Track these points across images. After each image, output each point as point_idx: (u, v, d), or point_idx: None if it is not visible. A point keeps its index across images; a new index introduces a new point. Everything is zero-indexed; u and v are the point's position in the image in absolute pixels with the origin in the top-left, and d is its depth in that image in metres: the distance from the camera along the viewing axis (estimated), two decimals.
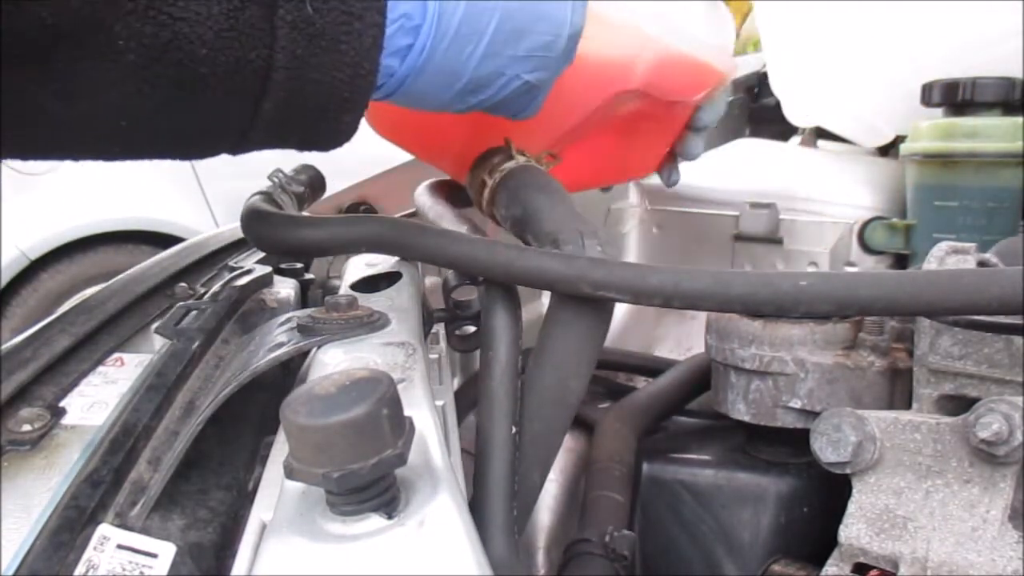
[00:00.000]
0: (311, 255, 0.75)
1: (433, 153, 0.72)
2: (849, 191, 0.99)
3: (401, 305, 0.51)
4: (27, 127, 0.38)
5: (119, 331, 0.54)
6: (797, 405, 0.62)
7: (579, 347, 0.48)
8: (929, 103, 0.90)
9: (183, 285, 0.63)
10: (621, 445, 0.70)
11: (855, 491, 0.52)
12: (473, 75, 0.46)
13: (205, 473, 0.45)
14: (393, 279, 0.57)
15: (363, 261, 0.63)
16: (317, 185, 0.82)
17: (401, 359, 0.43)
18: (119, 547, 0.37)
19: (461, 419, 0.63)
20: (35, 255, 2.84)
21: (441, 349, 0.59)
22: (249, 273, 0.63)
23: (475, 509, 0.41)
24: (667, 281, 0.45)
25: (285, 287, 0.63)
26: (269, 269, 0.65)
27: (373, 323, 0.47)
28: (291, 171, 0.78)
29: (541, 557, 0.77)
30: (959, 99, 0.87)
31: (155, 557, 0.37)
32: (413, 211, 0.72)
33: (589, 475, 0.68)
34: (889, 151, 1.12)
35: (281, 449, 0.40)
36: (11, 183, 2.79)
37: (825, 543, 0.53)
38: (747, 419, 0.65)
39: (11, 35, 0.33)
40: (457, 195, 0.69)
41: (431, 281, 0.76)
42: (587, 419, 0.79)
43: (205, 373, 0.51)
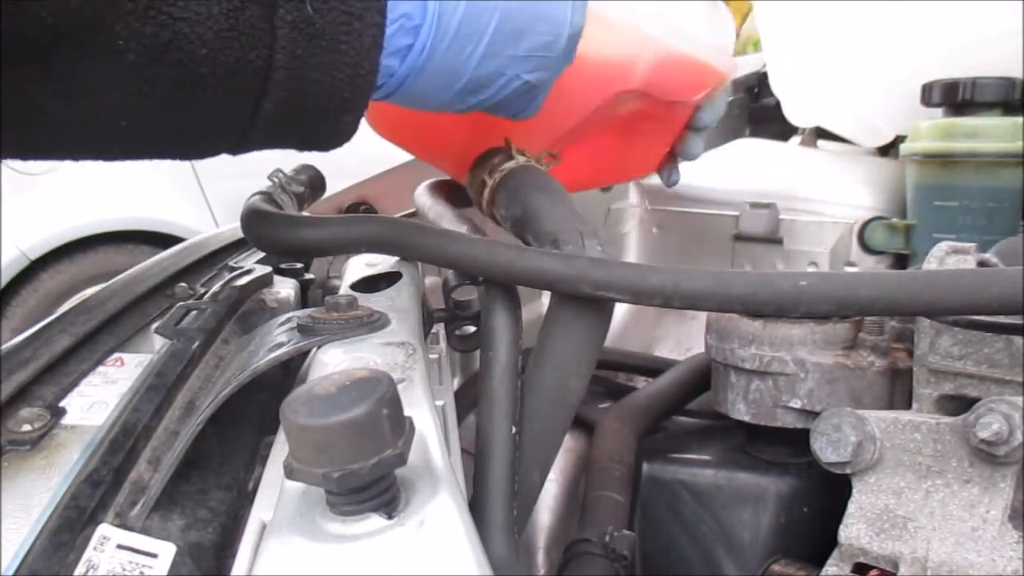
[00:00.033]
0: (311, 255, 0.75)
1: (433, 153, 0.72)
2: (849, 191, 0.99)
3: (401, 305, 0.51)
4: (27, 127, 0.38)
5: (119, 331, 0.54)
6: (797, 405, 0.62)
7: (579, 347, 0.48)
8: (929, 103, 0.90)
9: (183, 285, 0.63)
10: (621, 445, 0.70)
11: (855, 491, 0.52)
12: (473, 75, 0.46)
13: (205, 473, 0.45)
14: (393, 279, 0.57)
15: (363, 261, 0.63)
16: (317, 185, 0.82)
17: (401, 359, 0.43)
18: (119, 547, 0.37)
19: (461, 419, 0.63)
20: (35, 255, 2.84)
21: (441, 349, 0.59)
22: (249, 273, 0.63)
23: (475, 509, 0.41)
24: (667, 281, 0.45)
25: (285, 287, 0.63)
26: (269, 269, 0.65)
27: (373, 323, 0.47)
28: (291, 171, 0.78)
29: (541, 557, 0.77)
30: (959, 99, 0.87)
31: (155, 557, 0.37)
32: (413, 211, 0.72)
33: (589, 475, 0.68)
34: (889, 151, 1.12)
35: (281, 449, 0.40)
36: (11, 183, 2.79)
37: (825, 543, 0.53)
38: (747, 419, 0.65)
39: (11, 35, 0.33)
40: (457, 195, 0.69)
41: (431, 281, 0.76)
42: (587, 419, 0.79)
43: (205, 373, 0.51)
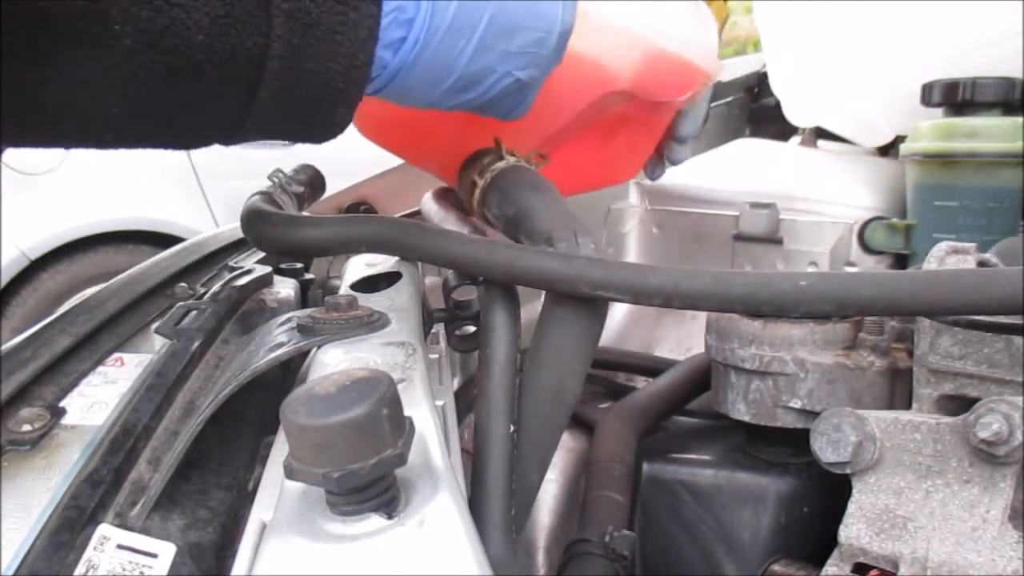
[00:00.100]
0: (311, 255, 0.75)
1: (420, 155, 0.72)
2: (849, 191, 0.99)
3: (401, 305, 0.51)
4: (17, 113, 0.37)
5: (119, 331, 0.54)
6: (797, 405, 0.62)
7: (575, 346, 0.48)
8: (929, 103, 0.90)
9: (183, 285, 0.63)
10: (621, 445, 0.70)
11: (855, 491, 0.52)
12: (464, 71, 0.46)
13: (205, 473, 0.45)
14: (393, 279, 0.57)
15: (363, 261, 0.63)
16: (317, 185, 0.82)
17: (401, 359, 0.43)
18: (119, 547, 0.37)
19: (461, 419, 0.63)
20: (35, 255, 2.84)
21: (441, 349, 0.59)
22: (249, 273, 0.63)
23: (473, 508, 0.41)
24: (667, 281, 0.45)
25: (285, 287, 0.63)
26: (269, 269, 0.65)
27: (373, 323, 0.47)
28: (291, 171, 0.78)
29: (541, 557, 0.77)
30: (959, 99, 0.87)
31: (155, 557, 0.37)
32: (413, 211, 0.72)
33: (589, 475, 0.68)
34: (889, 151, 1.12)
35: (281, 449, 0.40)
36: (11, 183, 2.79)
37: (825, 543, 0.53)
38: (747, 419, 0.65)
39: (4, 19, 0.33)
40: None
41: (431, 281, 0.76)
42: (587, 419, 0.79)
43: (205, 373, 0.51)
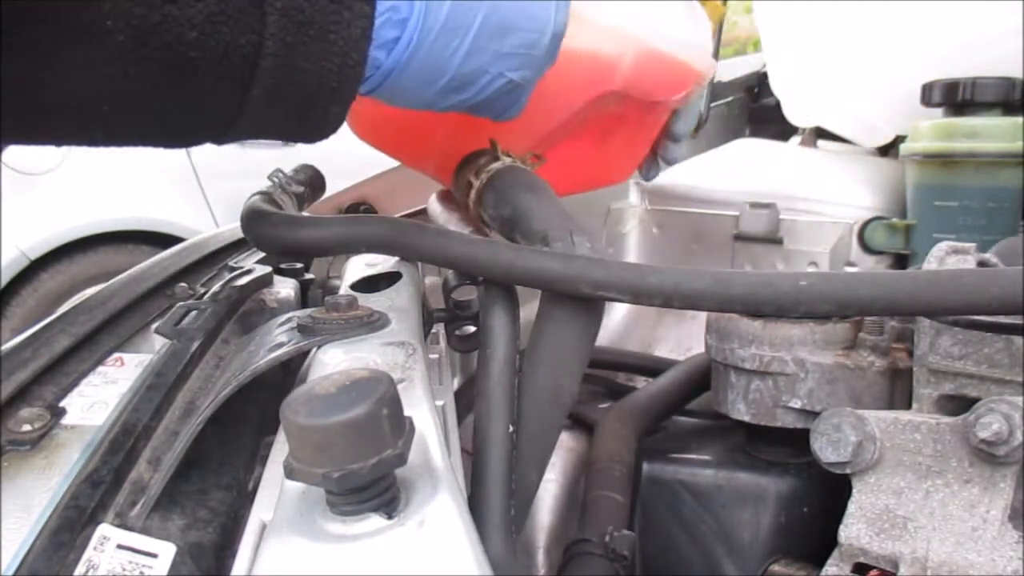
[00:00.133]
0: (311, 255, 0.75)
1: (415, 156, 0.72)
2: (849, 191, 0.99)
3: (401, 305, 0.51)
4: (7, 109, 0.37)
5: (119, 331, 0.54)
6: (797, 405, 0.62)
7: (573, 346, 0.48)
8: (929, 103, 0.90)
9: (183, 285, 0.63)
10: (621, 445, 0.70)
11: (855, 491, 0.52)
12: (458, 71, 0.46)
13: (205, 473, 0.45)
14: (393, 279, 0.57)
15: (363, 261, 0.63)
16: (317, 185, 0.82)
17: (401, 359, 0.43)
18: (119, 547, 0.37)
19: (461, 419, 0.63)
20: (35, 255, 2.84)
21: (441, 349, 0.59)
22: (249, 273, 0.63)
23: (473, 508, 0.41)
24: (667, 281, 0.45)
25: (285, 287, 0.63)
26: (269, 269, 0.65)
27: (373, 323, 0.47)
28: (291, 171, 0.78)
29: (541, 557, 0.77)
30: (959, 99, 0.87)
31: (155, 557, 0.37)
32: (413, 211, 0.72)
33: (589, 475, 0.68)
34: (889, 151, 1.12)
35: (281, 449, 0.40)
36: (11, 183, 2.79)
37: (825, 543, 0.53)
38: (747, 419, 0.65)
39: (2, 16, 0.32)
40: None
41: (431, 281, 0.76)
42: (587, 419, 0.79)
43: (205, 373, 0.51)
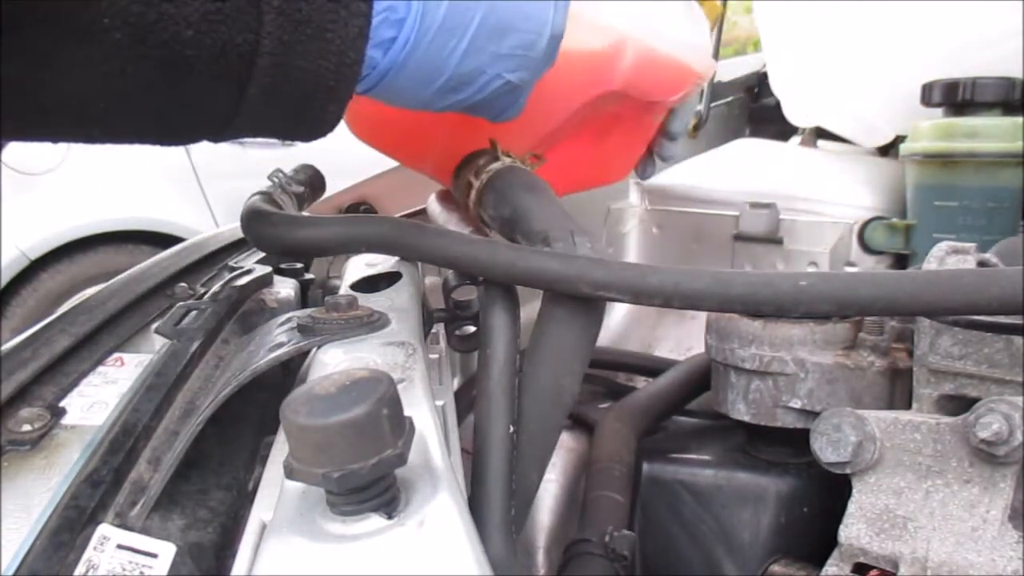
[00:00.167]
0: (311, 255, 0.75)
1: (413, 156, 0.72)
2: (849, 191, 0.99)
3: (401, 305, 0.51)
4: (5, 107, 0.37)
5: (119, 331, 0.54)
6: (797, 405, 0.62)
7: (573, 346, 0.48)
8: (929, 103, 0.90)
9: (183, 285, 0.63)
10: (621, 445, 0.70)
11: (855, 491, 0.52)
12: (455, 72, 0.46)
13: (205, 473, 0.45)
14: (393, 279, 0.57)
15: (363, 261, 0.63)
16: (317, 185, 0.82)
17: (401, 359, 0.43)
18: (119, 547, 0.37)
19: (461, 419, 0.63)
20: (35, 255, 2.84)
21: (441, 349, 0.59)
22: (249, 273, 0.63)
23: (473, 508, 0.41)
24: (667, 281, 0.45)
25: (285, 287, 0.63)
26: (269, 269, 0.65)
27: (373, 323, 0.47)
28: (291, 171, 0.78)
29: (541, 557, 0.76)
30: (959, 99, 0.87)
31: (155, 557, 0.37)
32: (413, 211, 0.72)
33: (589, 475, 0.68)
34: (889, 151, 1.12)
35: (281, 449, 0.40)
36: (11, 183, 2.79)
37: (825, 543, 0.53)
38: (747, 419, 0.65)
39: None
40: None
41: (431, 281, 0.76)
42: (587, 419, 0.79)
43: (205, 373, 0.51)
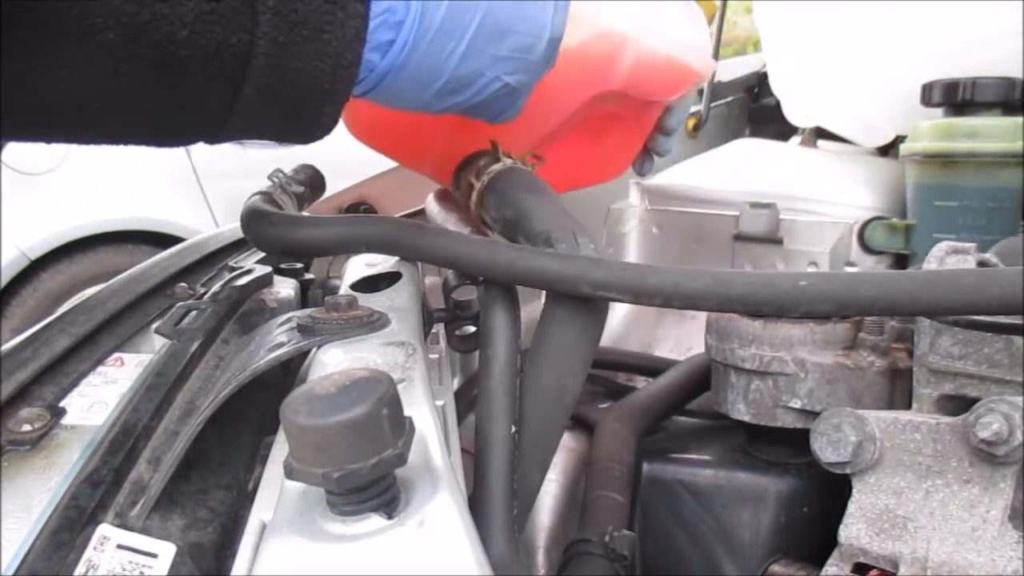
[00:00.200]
0: (311, 255, 0.75)
1: (413, 157, 0.72)
2: (849, 191, 0.99)
3: (401, 305, 0.51)
4: (4, 107, 0.37)
5: (119, 331, 0.54)
6: (797, 405, 0.62)
7: (575, 346, 0.48)
8: (929, 103, 0.90)
9: (183, 285, 0.63)
10: (621, 445, 0.70)
11: (855, 491, 0.52)
12: (453, 74, 0.46)
13: (205, 473, 0.45)
14: (393, 279, 0.57)
15: (363, 261, 0.63)
16: (317, 185, 0.82)
17: (401, 359, 0.43)
18: (119, 547, 0.37)
19: (461, 419, 0.63)
20: (35, 255, 2.84)
21: (441, 349, 0.59)
22: (249, 273, 0.63)
23: (474, 508, 0.41)
24: (667, 281, 0.45)
25: (285, 287, 0.63)
26: (269, 269, 0.65)
27: (373, 323, 0.47)
28: (291, 171, 0.78)
29: (541, 557, 0.76)
30: (959, 99, 0.87)
31: (155, 557, 0.37)
32: (413, 211, 0.72)
33: (589, 475, 0.68)
34: (889, 151, 1.12)
35: (281, 449, 0.40)
36: (11, 183, 2.79)
37: (825, 543, 0.53)
38: (747, 419, 0.65)
39: None
40: None
41: (431, 281, 0.76)
42: (587, 419, 0.79)
43: (205, 373, 0.51)
